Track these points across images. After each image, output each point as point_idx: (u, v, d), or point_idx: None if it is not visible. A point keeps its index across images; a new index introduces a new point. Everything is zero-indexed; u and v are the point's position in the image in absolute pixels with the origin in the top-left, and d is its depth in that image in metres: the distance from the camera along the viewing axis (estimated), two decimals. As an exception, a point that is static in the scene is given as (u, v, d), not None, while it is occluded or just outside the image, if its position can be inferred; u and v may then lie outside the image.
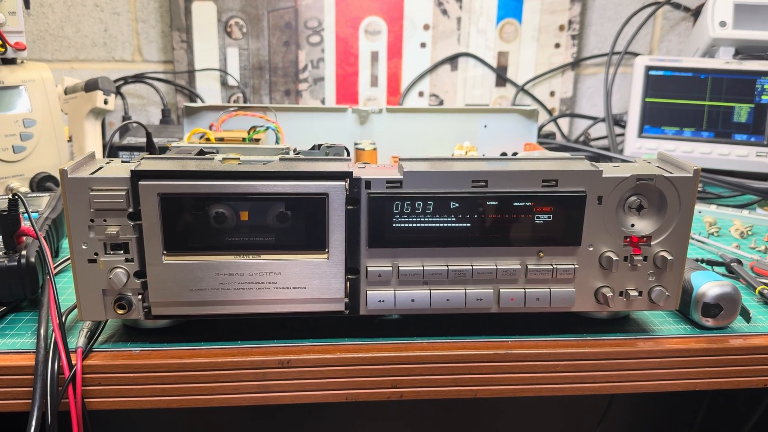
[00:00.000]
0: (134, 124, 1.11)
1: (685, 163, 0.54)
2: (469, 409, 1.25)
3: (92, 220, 0.49)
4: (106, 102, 0.98)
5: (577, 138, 1.29)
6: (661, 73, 1.07)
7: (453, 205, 0.52)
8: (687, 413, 1.18)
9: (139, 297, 0.51)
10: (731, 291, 0.57)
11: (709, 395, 1.13)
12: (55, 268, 0.67)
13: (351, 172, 0.51)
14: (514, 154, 0.92)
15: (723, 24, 1.07)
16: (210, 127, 0.86)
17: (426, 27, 1.27)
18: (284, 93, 1.29)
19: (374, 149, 0.85)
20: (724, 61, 1.05)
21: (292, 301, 0.53)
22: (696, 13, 1.26)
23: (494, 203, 0.52)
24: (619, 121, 1.19)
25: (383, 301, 0.53)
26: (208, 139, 0.77)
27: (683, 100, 1.07)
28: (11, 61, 0.86)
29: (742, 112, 1.04)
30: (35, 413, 0.48)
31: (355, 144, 0.86)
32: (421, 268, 0.53)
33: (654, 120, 1.08)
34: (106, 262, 0.50)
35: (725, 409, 1.12)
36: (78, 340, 0.52)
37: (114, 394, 0.52)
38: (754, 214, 0.89)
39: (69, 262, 0.68)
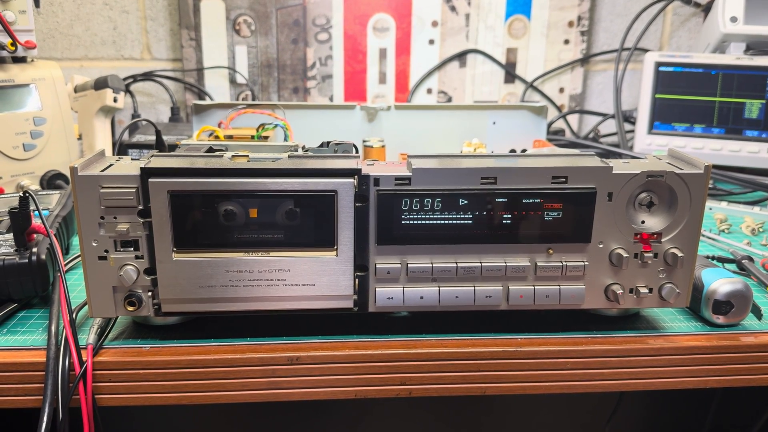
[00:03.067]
0: (143, 122, 1.11)
1: (696, 159, 0.53)
2: (478, 407, 1.25)
3: (102, 218, 0.50)
4: (115, 100, 0.98)
5: (586, 135, 1.28)
6: (671, 69, 1.06)
7: (462, 202, 0.51)
8: (697, 411, 1.18)
9: (149, 294, 0.52)
10: (742, 288, 0.56)
11: (720, 393, 1.12)
12: (65, 265, 0.68)
13: (360, 169, 0.50)
14: (523, 151, 0.92)
15: (734, 19, 1.06)
16: (219, 125, 0.86)
17: (434, 24, 1.27)
18: (292, 90, 1.29)
19: (382, 146, 0.85)
20: (735, 56, 1.04)
21: (301, 298, 0.53)
22: (706, 8, 1.25)
23: (503, 200, 0.52)
24: (628, 118, 1.18)
25: (392, 298, 0.53)
26: (217, 137, 0.77)
27: (693, 96, 1.06)
28: (21, 60, 0.87)
29: (753, 108, 1.03)
30: (46, 409, 0.48)
31: (364, 141, 0.86)
32: (430, 265, 0.53)
33: (664, 116, 1.08)
34: (116, 259, 0.50)
35: (736, 406, 1.11)
36: (88, 337, 0.52)
37: (124, 391, 0.52)
38: (766, 211, 0.88)
39: (79, 259, 0.68)
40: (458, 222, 0.52)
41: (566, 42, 1.29)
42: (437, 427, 1.26)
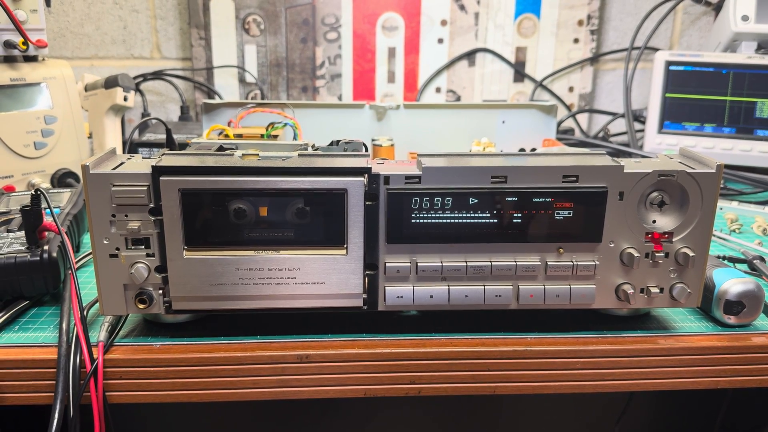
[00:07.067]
0: (153, 121, 1.11)
1: (708, 158, 0.53)
2: (487, 406, 1.25)
3: (114, 216, 0.50)
4: (125, 99, 0.99)
5: (596, 134, 1.28)
6: (681, 68, 1.06)
7: (472, 200, 0.51)
8: (708, 411, 1.17)
9: (160, 292, 0.52)
10: (754, 288, 0.56)
11: (730, 393, 1.11)
12: (76, 263, 0.68)
13: (370, 168, 0.50)
14: (533, 150, 0.92)
15: (745, 18, 1.05)
16: (229, 124, 0.86)
17: (443, 23, 1.27)
18: (301, 90, 1.29)
19: (392, 145, 0.85)
20: (746, 55, 1.04)
21: (310, 296, 0.53)
22: (717, 7, 1.24)
23: (514, 199, 0.51)
24: (638, 117, 1.18)
25: (402, 296, 0.53)
26: (226, 136, 0.77)
27: (704, 96, 1.05)
28: (33, 59, 0.87)
29: (764, 107, 1.02)
30: (57, 406, 0.48)
31: (373, 140, 0.86)
32: (440, 264, 0.53)
33: (674, 116, 1.07)
34: (127, 257, 0.51)
35: (746, 407, 1.11)
36: (99, 335, 0.53)
37: (135, 388, 0.52)
38: (777, 211, 0.88)
39: (90, 257, 0.69)
40: (468, 221, 0.52)
41: (576, 41, 1.28)
42: (445, 425, 1.26)
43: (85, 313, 0.54)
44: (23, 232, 0.59)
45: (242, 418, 1.21)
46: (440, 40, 1.28)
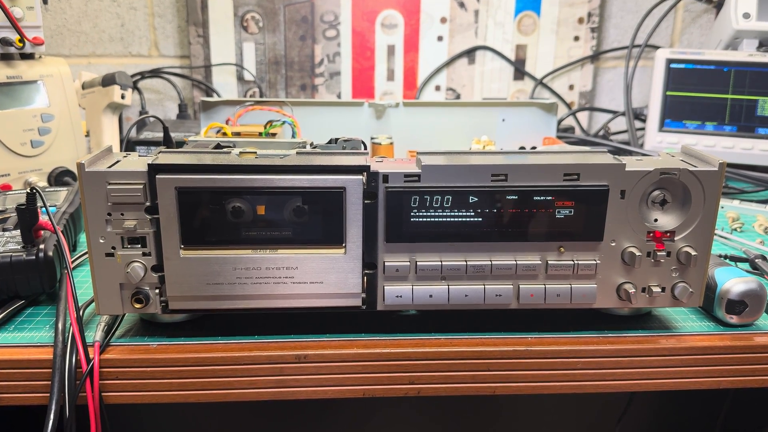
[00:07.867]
0: (151, 119, 1.11)
1: (710, 156, 0.52)
2: (487, 407, 1.24)
3: (110, 214, 0.49)
4: (123, 97, 0.98)
5: (596, 132, 1.27)
6: (682, 66, 1.05)
7: (472, 199, 0.51)
8: (709, 412, 1.17)
9: (157, 291, 0.51)
10: (756, 287, 0.55)
11: (732, 393, 1.11)
12: (72, 262, 0.68)
13: (368, 166, 0.50)
14: (533, 148, 0.91)
15: (747, 16, 1.05)
16: (227, 122, 0.86)
17: (443, 20, 1.26)
18: (300, 87, 1.28)
19: (391, 144, 0.85)
20: (748, 53, 1.03)
21: (309, 295, 0.52)
22: (718, 4, 1.24)
23: (514, 197, 0.51)
24: (639, 115, 1.17)
25: (401, 296, 0.53)
26: (224, 134, 0.76)
27: (705, 94, 1.05)
28: (29, 56, 0.87)
29: (766, 105, 1.02)
30: (53, 407, 0.48)
31: (372, 138, 0.86)
32: (439, 263, 0.52)
33: (675, 114, 1.07)
34: (123, 256, 0.50)
35: (748, 407, 1.10)
36: (95, 334, 0.52)
37: (131, 389, 0.52)
38: (779, 210, 0.87)
39: (87, 256, 0.68)
40: (468, 220, 0.51)
41: (576, 39, 1.28)
42: (445, 425, 1.26)
43: (81, 312, 0.54)
44: (19, 231, 0.58)
45: (240, 418, 1.21)
46: (440, 38, 1.27)
